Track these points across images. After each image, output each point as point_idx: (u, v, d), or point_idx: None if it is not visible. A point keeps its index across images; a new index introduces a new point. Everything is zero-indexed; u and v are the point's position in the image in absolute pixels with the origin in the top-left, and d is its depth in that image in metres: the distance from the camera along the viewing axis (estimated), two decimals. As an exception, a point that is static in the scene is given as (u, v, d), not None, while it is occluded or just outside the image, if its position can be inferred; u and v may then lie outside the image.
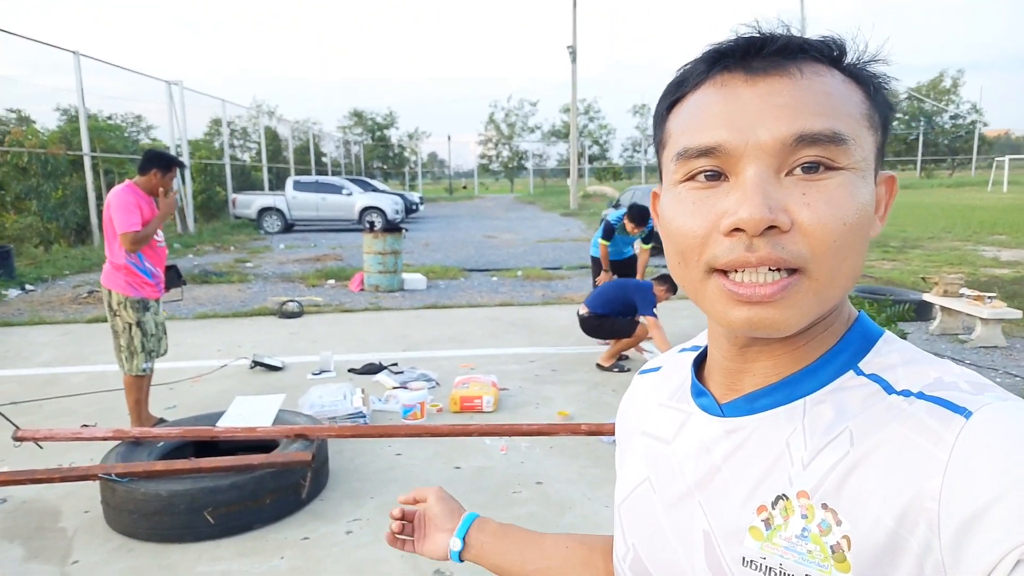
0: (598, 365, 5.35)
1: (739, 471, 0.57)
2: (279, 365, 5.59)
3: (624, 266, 6.50)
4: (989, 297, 6.19)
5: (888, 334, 0.59)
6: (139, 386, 4.12)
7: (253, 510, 3.06)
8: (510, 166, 53.22)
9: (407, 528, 0.92)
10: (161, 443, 3.39)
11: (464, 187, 49.37)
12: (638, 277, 6.31)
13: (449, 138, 48.46)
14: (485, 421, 4.33)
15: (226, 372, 5.54)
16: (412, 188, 43.21)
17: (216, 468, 3.02)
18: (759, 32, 0.54)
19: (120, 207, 3.85)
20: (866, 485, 0.50)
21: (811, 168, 0.51)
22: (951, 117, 50.56)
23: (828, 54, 0.54)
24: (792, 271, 0.51)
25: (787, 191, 0.51)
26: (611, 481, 3.58)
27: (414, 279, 9.58)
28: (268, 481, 3.10)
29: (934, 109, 49.41)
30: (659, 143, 0.61)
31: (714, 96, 0.54)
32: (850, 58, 0.55)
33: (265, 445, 3.48)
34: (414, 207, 23.91)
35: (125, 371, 4.08)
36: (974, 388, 0.51)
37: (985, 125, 51.89)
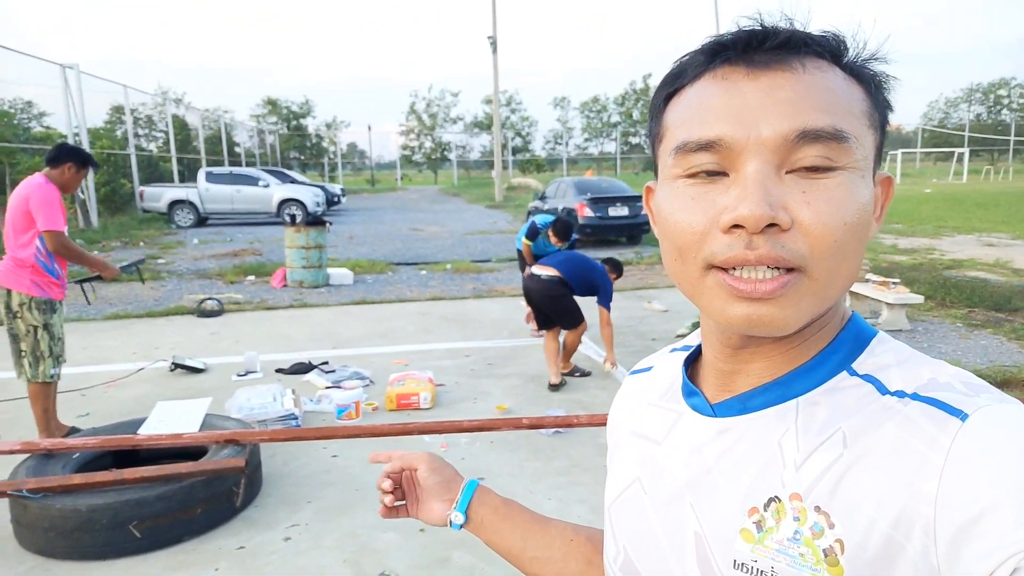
0: (562, 374, 4.96)
1: (731, 472, 0.57)
2: (201, 367, 5.33)
3: None
4: (893, 283, 6.61)
5: (882, 334, 0.59)
6: (46, 394, 3.83)
7: (183, 521, 2.90)
8: (433, 157, 52.72)
9: (398, 493, 0.88)
10: (76, 454, 3.17)
11: (402, 178, 48.33)
12: None
13: (369, 128, 47.35)
14: (423, 418, 4.27)
15: (143, 376, 5.23)
16: (332, 179, 42.07)
17: (141, 479, 2.85)
18: (761, 25, 0.53)
19: (44, 202, 3.65)
20: (860, 488, 0.49)
21: (812, 166, 0.50)
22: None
23: (830, 50, 0.53)
24: (790, 270, 0.50)
25: (787, 189, 0.50)
26: (551, 473, 3.59)
27: (340, 274, 9.34)
28: (199, 490, 2.95)
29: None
30: (655, 136, 0.59)
31: (714, 89, 0.52)
32: (851, 55, 0.54)
33: (193, 452, 3.31)
34: (336, 199, 23.30)
35: (28, 378, 3.78)
36: (970, 389, 0.50)
37: (880, 121, 55.30)
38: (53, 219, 3.65)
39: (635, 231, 12.86)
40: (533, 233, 6.19)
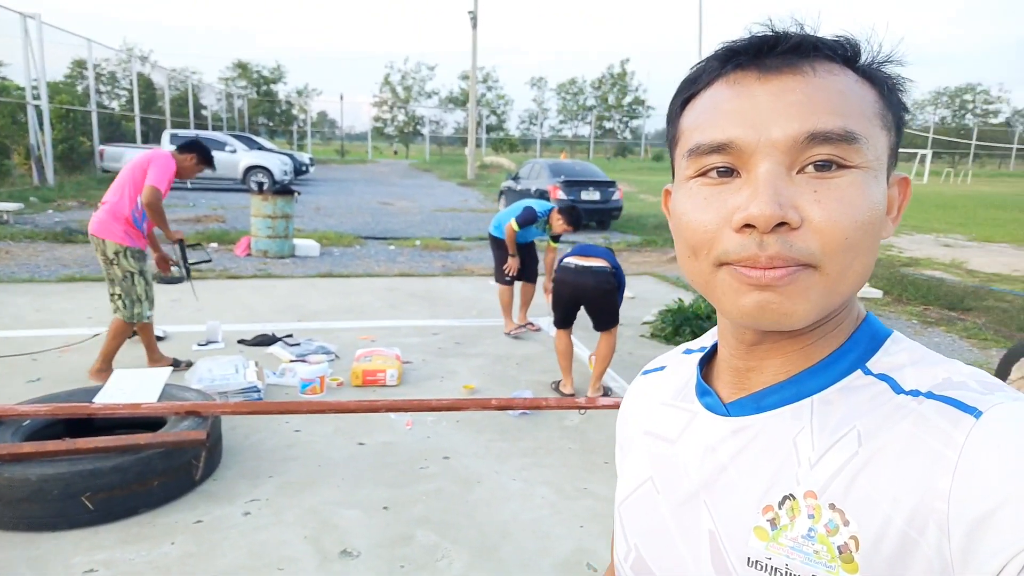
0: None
1: (746, 471, 0.57)
2: (161, 335, 5.19)
3: (527, 248, 5.96)
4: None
5: (896, 334, 0.60)
6: (128, 332, 4.28)
7: (139, 493, 2.83)
8: (405, 131, 51.95)
9: None
10: (27, 421, 3.06)
11: (395, 152, 47.52)
12: (546, 278, 5.64)
13: (342, 97, 46.04)
14: (389, 395, 4.24)
15: (99, 341, 5.06)
16: (301, 148, 41.18)
17: (97, 449, 2.77)
18: (773, 30, 0.54)
19: (162, 165, 4.13)
20: (875, 485, 0.50)
21: (823, 166, 0.51)
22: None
23: (842, 53, 0.54)
24: (802, 266, 0.51)
25: (798, 188, 0.51)
26: (516, 454, 3.59)
27: (306, 245, 9.18)
28: (156, 462, 2.87)
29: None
30: (672, 139, 0.60)
31: (727, 93, 0.54)
32: (865, 58, 0.55)
33: (150, 423, 3.23)
34: (304, 168, 22.83)
35: (124, 319, 4.20)
36: (984, 387, 0.51)
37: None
38: (161, 179, 4.10)
39: (605, 216, 12.82)
40: (530, 219, 5.59)
